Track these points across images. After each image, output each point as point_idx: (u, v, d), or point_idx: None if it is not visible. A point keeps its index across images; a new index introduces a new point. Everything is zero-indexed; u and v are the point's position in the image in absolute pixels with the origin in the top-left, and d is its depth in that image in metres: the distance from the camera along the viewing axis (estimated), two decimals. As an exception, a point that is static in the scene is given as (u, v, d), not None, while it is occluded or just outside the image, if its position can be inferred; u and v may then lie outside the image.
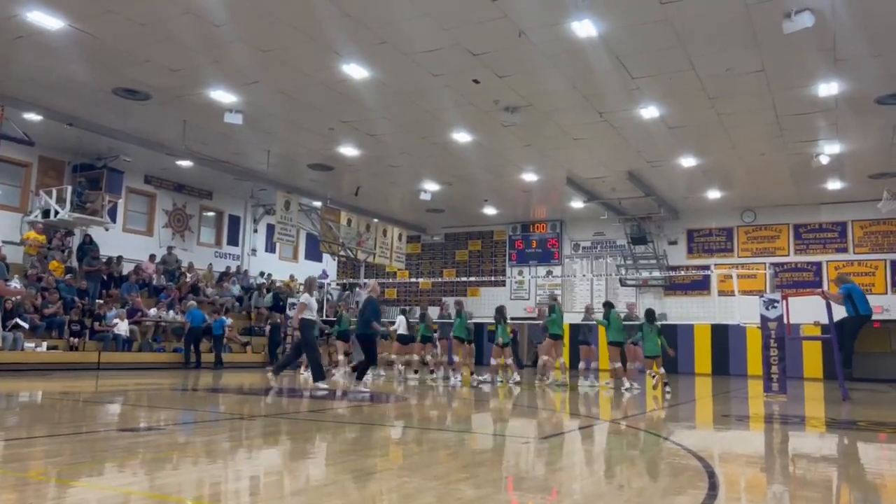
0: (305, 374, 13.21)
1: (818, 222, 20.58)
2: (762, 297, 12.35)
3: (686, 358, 20.28)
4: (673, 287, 21.92)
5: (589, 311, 15.29)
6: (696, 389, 13.68)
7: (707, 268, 20.74)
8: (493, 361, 13.25)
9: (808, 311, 16.01)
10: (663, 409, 9.05)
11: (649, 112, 13.24)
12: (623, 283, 22.38)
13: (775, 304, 11.95)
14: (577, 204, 21.09)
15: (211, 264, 21.56)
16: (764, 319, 11.89)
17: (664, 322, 17.83)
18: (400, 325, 14.11)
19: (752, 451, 5.87)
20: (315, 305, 10.66)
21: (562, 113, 13.53)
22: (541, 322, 14.60)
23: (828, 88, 11.89)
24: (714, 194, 19.77)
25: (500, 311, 13.27)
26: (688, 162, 16.54)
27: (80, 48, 11.18)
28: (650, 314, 12.11)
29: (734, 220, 21.62)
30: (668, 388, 11.30)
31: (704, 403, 10.56)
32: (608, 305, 13.05)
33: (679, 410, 9.31)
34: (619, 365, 12.76)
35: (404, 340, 14.12)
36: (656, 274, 21.56)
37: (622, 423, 7.43)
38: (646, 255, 21.87)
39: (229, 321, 17.97)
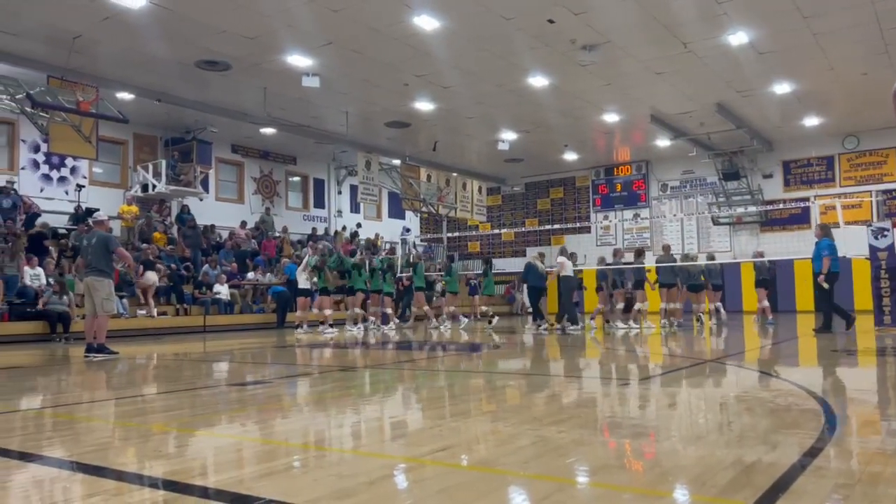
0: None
1: (931, 143, 19.03)
2: (870, 226, 11.67)
3: (787, 295, 19.43)
4: (770, 223, 20.95)
5: (618, 254, 14.58)
6: (797, 326, 13.11)
7: (806, 200, 19.70)
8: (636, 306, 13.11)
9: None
10: (766, 348, 8.73)
11: (737, 38, 12.48)
12: (715, 222, 21.55)
13: (885, 233, 11.27)
14: (663, 142, 20.32)
15: (345, 226, 22.84)
16: (873, 250, 11.27)
17: (760, 259, 17.08)
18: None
19: (867, 386, 5.58)
20: None
21: (642, 47, 12.94)
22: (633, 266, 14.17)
23: (941, -7, 10.84)
24: (811, 121, 18.57)
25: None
26: (781, 89, 15.57)
27: (160, 24, 11.53)
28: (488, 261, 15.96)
29: (835, 148, 20.29)
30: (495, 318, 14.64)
31: (809, 340, 10.11)
32: (451, 259, 15.37)
33: (784, 347, 8.97)
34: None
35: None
36: (751, 210, 20.63)
37: (727, 362, 7.22)
38: (739, 190, 20.92)
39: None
